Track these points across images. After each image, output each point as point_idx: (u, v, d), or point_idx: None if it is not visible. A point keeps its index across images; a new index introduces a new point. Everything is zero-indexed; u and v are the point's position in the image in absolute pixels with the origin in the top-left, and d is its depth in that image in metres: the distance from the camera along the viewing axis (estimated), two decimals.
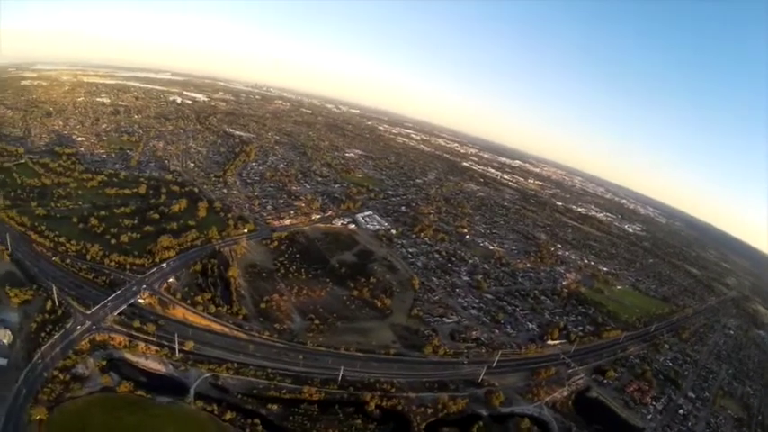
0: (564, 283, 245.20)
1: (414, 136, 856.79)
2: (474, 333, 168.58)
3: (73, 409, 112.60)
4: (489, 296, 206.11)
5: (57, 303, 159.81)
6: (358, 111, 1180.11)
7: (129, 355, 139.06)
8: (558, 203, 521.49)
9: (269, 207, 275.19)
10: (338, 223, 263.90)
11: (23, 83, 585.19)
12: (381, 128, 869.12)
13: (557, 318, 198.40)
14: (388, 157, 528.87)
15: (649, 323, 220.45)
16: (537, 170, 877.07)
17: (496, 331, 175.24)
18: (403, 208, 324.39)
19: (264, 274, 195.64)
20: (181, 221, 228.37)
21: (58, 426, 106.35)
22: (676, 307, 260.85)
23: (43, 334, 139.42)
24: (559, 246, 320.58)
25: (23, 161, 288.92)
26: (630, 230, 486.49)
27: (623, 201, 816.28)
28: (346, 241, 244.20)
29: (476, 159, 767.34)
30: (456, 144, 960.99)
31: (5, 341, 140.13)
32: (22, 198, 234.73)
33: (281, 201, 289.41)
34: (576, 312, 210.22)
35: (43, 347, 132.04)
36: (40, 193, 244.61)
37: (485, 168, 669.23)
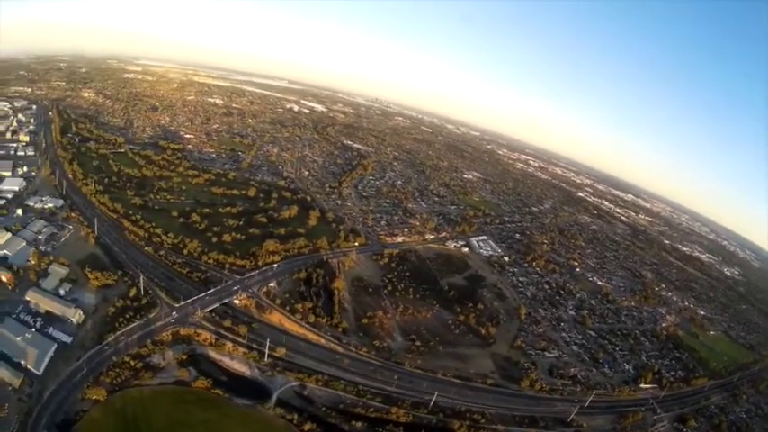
0: (663, 324, 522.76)
1: (532, 162, 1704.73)
2: (572, 370, 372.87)
3: (137, 396, 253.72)
4: (592, 333, 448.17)
5: (142, 292, 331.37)
6: (478, 133, 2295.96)
7: (213, 353, 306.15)
8: (665, 241, 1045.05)
9: (383, 222, 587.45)
10: (452, 245, 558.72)
11: (126, 75, 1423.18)
12: (500, 152, 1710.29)
13: (652, 360, 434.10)
14: (506, 182, 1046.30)
15: (734, 372, 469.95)
16: (648, 205, 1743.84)
17: (594, 370, 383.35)
18: (517, 235, 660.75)
19: (371, 290, 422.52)
20: (289, 228, 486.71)
21: (118, 410, 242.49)
22: (759, 356, 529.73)
23: (121, 319, 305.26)
24: (663, 285, 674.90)
25: (123, 150, 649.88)
26: (729, 273, 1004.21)
27: (725, 242, 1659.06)
28: (458, 264, 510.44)
29: (590, 190, 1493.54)
30: (572, 173, 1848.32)
31: (74, 320, 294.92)
32: (117, 186, 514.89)
33: (396, 217, 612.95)
34: (671, 356, 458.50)
35: (118, 332, 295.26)
36: (138, 183, 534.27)
37: (598, 200, 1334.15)
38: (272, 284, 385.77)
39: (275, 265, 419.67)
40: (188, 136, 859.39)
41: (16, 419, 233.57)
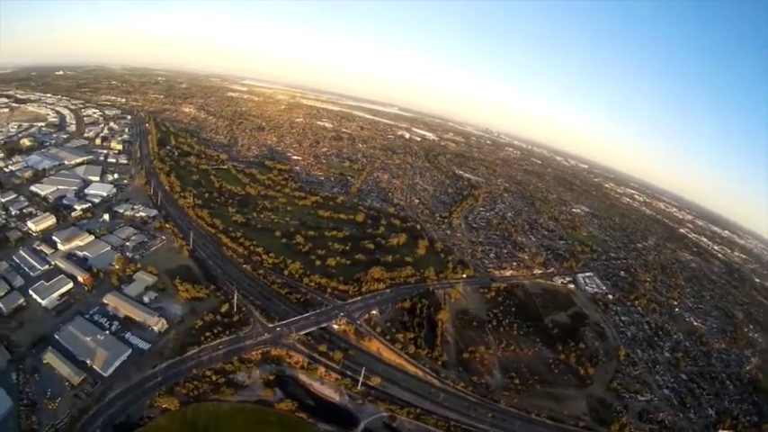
0: (747, 367, 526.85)
1: (637, 197, 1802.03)
2: (661, 415, 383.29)
3: (213, 411, 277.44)
4: (684, 376, 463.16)
5: (235, 309, 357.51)
6: (586, 166, 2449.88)
7: (303, 377, 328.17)
8: (756, 279, 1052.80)
9: (492, 255, 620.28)
10: (559, 281, 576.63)
11: (230, 94, 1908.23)
12: (607, 185, 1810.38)
13: (733, 405, 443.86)
14: (613, 217, 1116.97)
15: None
16: (742, 242, 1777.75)
17: (680, 415, 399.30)
18: (622, 272, 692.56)
19: (475, 324, 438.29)
20: (397, 255, 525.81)
21: (188, 421, 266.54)
22: None
23: (208, 333, 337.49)
24: (751, 326, 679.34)
25: (225, 167, 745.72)
26: None
27: None
28: (563, 301, 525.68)
29: (691, 227, 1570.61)
30: (675, 209, 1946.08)
31: (156, 328, 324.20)
32: (218, 201, 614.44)
33: (505, 250, 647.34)
34: (750, 401, 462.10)
35: (203, 346, 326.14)
36: (241, 200, 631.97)
37: (698, 237, 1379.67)
38: (374, 312, 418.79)
39: (379, 293, 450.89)
40: (296, 157, 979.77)
41: (66, 414, 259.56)
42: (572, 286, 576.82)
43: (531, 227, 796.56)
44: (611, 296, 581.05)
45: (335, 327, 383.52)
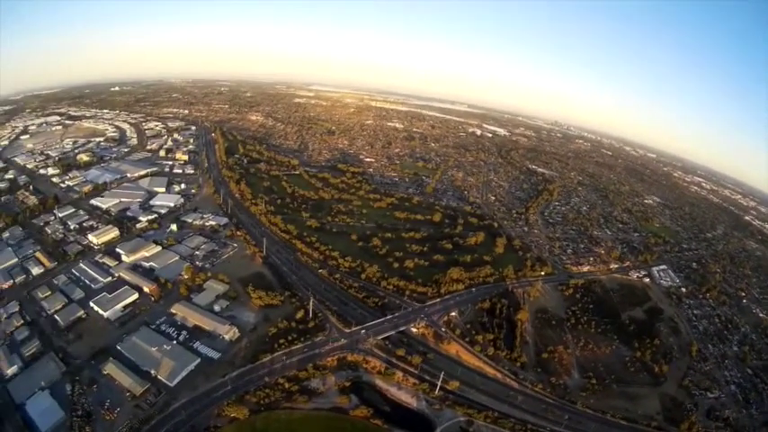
0: None
1: (704, 185, 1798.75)
2: (726, 412, 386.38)
3: (284, 419, 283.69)
4: (749, 371, 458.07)
5: (311, 315, 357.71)
6: (654, 155, 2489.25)
7: (379, 382, 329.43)
8: None
9: (569, 251, 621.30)
10: (635, 275, 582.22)
11: (297, 100, 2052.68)
12: (676, 174, 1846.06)
13: None
14: (683, 207, 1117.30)
15: None
16: None
17: (744, 411, 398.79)
18: (694, 264, 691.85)
19: (554, 322, 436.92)
20: (475, 255, 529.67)
21: (258, 430, 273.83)
22: None
23: (282, 341, 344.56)
24: None
25: (297, 172, 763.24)
26: None
27: None
28: (639, 296, 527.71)
29: (755, 214, 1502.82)
30: (739, 196, 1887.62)
31: (227, 337, 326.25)
32: (291, 207, 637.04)
33: (582, 245, 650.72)
34: None
35: (275, 354, 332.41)
36: (315, 205, 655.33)
37: (762, 224, 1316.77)
38: (453, 313, 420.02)
39: (458, 294, 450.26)
40: (368, 159, 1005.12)
41: (125, 425, 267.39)
42: (647, 280, 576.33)
43: (605, 220, 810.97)
44: (684, 289, 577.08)
45: (414, 330, 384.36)
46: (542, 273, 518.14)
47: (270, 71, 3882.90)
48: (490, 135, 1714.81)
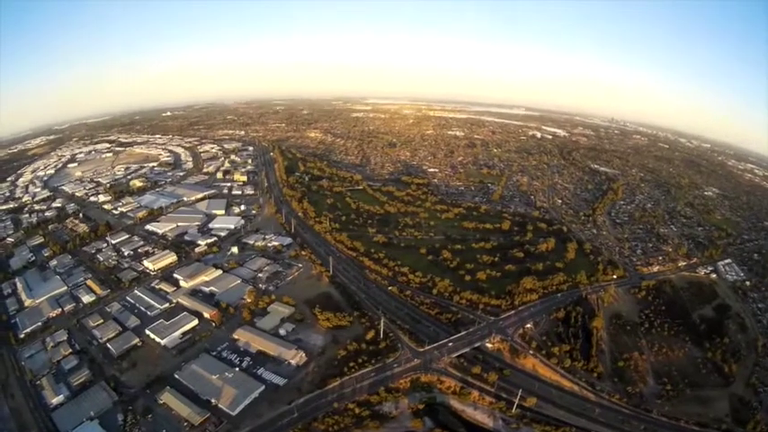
0: None
1: (756, 171, 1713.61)
2: None
3: None
4: None
5: (382, 335, 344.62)
6: (708, 145, 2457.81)
7: (454, 402, 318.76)
8: None
9: (638, 251, 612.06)
10: (702, 272, 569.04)
11: (355, 114, 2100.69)
12: (730, 163, 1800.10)
13: None
14: (740, 197, 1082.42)
15: None
16: None
17: None
18: (755, 255, 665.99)
19: (628, 328, 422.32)
20: (547, 262, 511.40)
21: None
22: None
23: (352, 364, 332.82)
24: None
25: (361, 187, 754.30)
26: None
27: None
28: (707, 293, 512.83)
29: None
30: None
31: (293, 362, 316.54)
32: (357, 223, 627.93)
33: (650, 244, 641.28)
34: None
35: (345, 378, 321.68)
36: (381, 220, 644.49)
37: None
38: (528, 325, 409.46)
39: (532, 305, 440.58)
40: (432, 170, 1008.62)
41: None
42: (714, 276, 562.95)
43: (670, 216, 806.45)
44: (748, 282, 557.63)
45: (489, 345, 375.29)
46: (614, 276, 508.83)
47: (325, 87, 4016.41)
48: (550, 137, 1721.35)
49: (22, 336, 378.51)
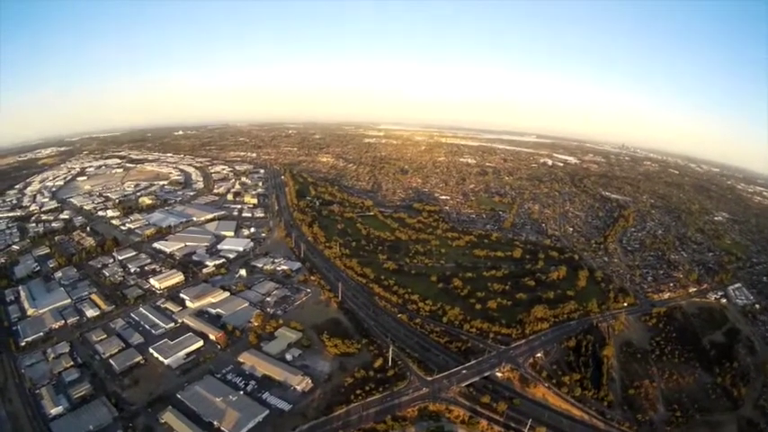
0: None
1: (765, 193, 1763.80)
2: None
3: None
4: None
5: (390, 363, 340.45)
6: (717, 169, 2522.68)
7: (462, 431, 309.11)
8: None
9: (649, 278, 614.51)
10: (712, 297, 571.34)
11: (367, 140, 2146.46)
12: (739, 186, 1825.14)
13: None
14: (749, 220, 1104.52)
15: None
16: None
17: None
18: (765, 278, 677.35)
19: (639, 355, 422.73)
20: (558, 290, 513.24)
21: None
22: None
23: (359, 391, 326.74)
24: None
25: (372, 213, 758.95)
26: None
27: None
28: (717, 318, 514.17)
29: None
30: None
31: (299, 387, 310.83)
32: (367, 249, 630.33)
33: (661, 271, 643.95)
34: None
35: (352, 405, 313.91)
36: (391, 246, 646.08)
37: None
38: (538, 354, 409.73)
39: (543, 333, 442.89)
40: (444, 197, 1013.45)
41: None
42: (724, 301, 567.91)
43: (681, 242, 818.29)
44: (757, 306, 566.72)
45: (499, 374, 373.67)
46: (625, 304, 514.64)
47: (337, 112, 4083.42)
48: (561, 164, 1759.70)
49: (22, 344, 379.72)
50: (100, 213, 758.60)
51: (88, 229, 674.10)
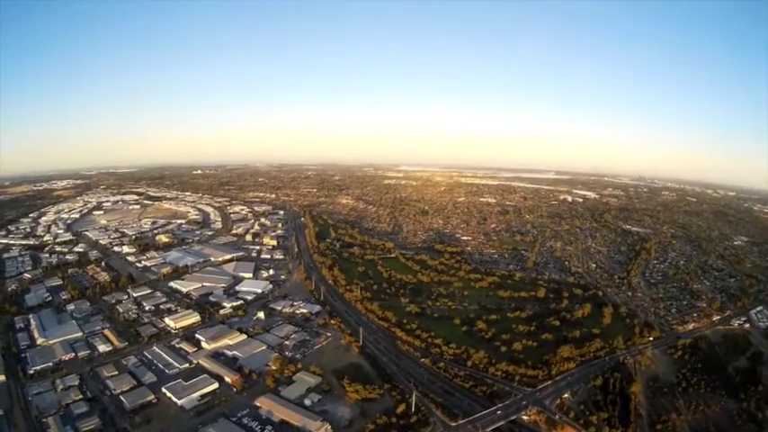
0: None
1: None
2: None
3: None
4: None
5: (413, 408, 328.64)
6: (734, 193, 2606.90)
7: None
8: None
9: (673, 310, 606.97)
10: (735, 323, 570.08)
11: (387, 182, 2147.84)
12: (756, 208, 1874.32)
13: None
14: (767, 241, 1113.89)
15: None
16: None
17: None
18: None
19: (665, 390, 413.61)
20: (584, 329, 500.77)
21: None
22: None
23: None
24: None
25: (393, 255, 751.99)
26: None
27: None
28: (741, 344, 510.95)
29: None
30: None
31: None
32: (389, 292, 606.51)
33: (684, 302, 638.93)
34: None
35: None
36: (413, 289, 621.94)
37: None
38: (565, 395, 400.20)
39: (569, 374, 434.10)
40: (465, 238, 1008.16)
41: None
42: (747, 325, 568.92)
43: (702, 270, 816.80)
44: None
45: (525, 417, 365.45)
46: (651, 338, 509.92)
47: (356, 153, 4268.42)
48: (581, 200, 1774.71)
49: (31, 372, 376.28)
50: (115, 249, 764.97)
51: (103, 263, 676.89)
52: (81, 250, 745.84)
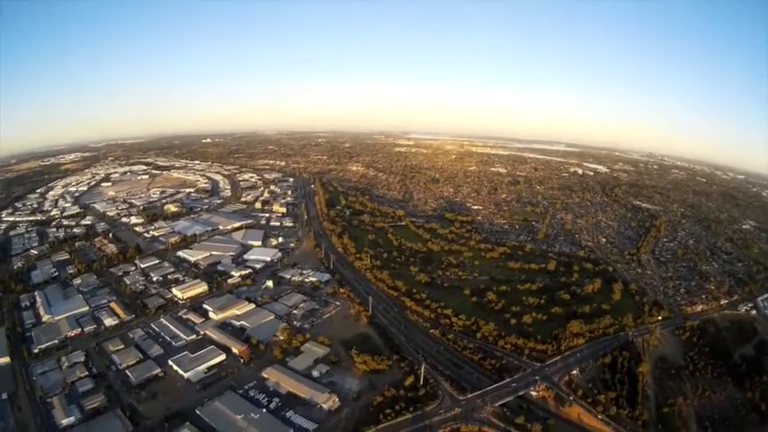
0: None
1: None
2: None
3: None
4: None
5: (422, 381, 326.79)
6: (743, 176, 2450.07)
7: None
8: None
9: (682, 290, 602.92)
10: (743, 309, 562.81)
11: (397, 149, 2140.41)
12: (764, 193, 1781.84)
13: None
14: None
15: None
16: None
17: None
18: None
19: (673, 371, 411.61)
20: (594, 304, 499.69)
21: None
22: None
23: (388, 411, 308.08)
24: None
25: (403, 224, 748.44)
26: None
27: None
28: (748, 330, 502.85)
29: None
30: None
31: (326, 406, 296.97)
32: (399, 261, 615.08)
33: (693, 283, 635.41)
34: None
35: (380, 425, 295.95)
36: (423, 258, 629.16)
37: None
38: (574, 372, 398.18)
39: (578, 350, 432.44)
40: (476, 207, 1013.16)
41: None
42: (753, 312, 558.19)
43: (711, 252, 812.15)
44: None
45: (534, 393, 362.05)
46: (660, 318, 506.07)
47: (367, 121, 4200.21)
48: (591, 173, 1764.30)
49: (36, 351, 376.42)
50: (123, 220, 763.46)
51: (110, 235, 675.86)
52: (88, 223, 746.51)
